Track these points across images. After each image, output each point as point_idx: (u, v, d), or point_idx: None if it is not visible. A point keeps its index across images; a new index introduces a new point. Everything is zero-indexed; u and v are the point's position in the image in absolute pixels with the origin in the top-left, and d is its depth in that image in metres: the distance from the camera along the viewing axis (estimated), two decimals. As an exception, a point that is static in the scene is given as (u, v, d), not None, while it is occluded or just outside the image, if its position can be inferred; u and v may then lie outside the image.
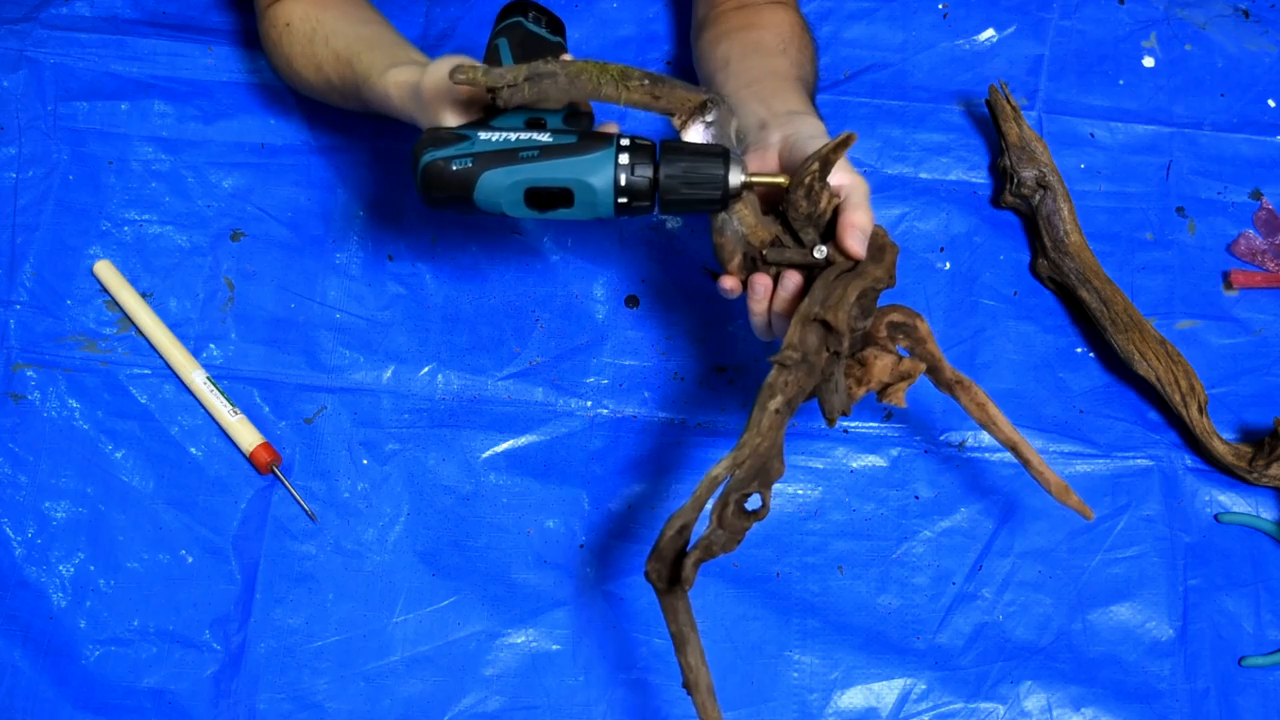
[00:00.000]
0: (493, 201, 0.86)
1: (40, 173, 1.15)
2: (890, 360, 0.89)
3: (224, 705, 1.00)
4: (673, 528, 0.81)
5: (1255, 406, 1.10)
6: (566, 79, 0.85)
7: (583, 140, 0.85)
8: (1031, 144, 1.13)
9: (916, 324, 0.91)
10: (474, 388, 1.10)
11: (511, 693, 1.01)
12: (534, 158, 0.85)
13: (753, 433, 0.82)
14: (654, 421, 1.09)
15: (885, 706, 1.01)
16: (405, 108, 0.94)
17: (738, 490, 0.81)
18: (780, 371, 0.83)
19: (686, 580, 0.80)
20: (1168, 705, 1.01)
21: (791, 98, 0.99)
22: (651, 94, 0.86)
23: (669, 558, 0.82)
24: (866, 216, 0.88)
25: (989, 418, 0.92)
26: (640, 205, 0.86)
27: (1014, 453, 0.93)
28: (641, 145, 0.86)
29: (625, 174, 0.85)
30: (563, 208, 0.86)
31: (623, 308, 1.13)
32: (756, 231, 0.89)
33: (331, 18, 1.06)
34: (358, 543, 1.05)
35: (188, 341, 1.10)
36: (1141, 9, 1.26)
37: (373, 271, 1.13)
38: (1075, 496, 0.93)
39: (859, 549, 1.05)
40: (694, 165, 0.85)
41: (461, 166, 0.85)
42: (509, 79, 0.84)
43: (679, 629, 0.83)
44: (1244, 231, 1.16)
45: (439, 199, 0.87)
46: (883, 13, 1.24)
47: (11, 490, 1.05)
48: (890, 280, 0.88)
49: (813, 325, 0.84)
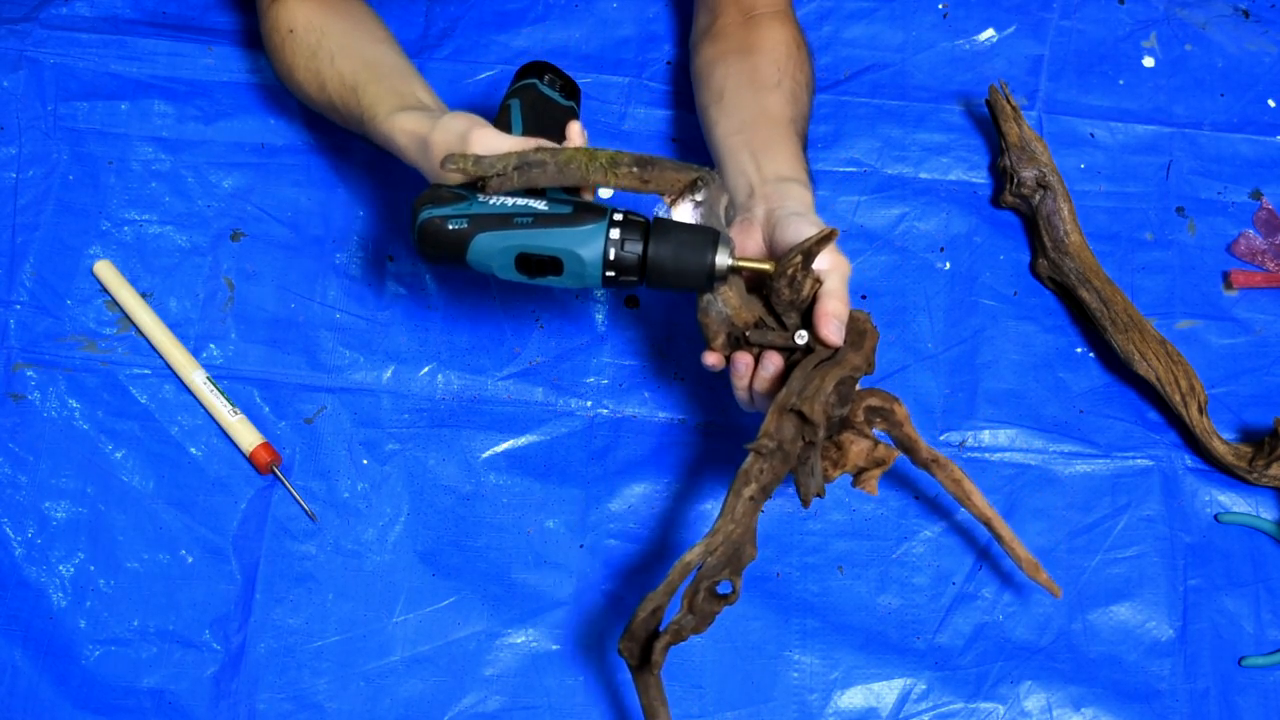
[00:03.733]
0: (484, 263, 0.88)
1: (40, 173, 1.16)
2: (866, 445, 0.90)
3: (224, 705, 1.00)
4: (645, 610, 0.84)
5: (1255, 406, 1.10)
6: (555, 168, 0.87)
7: (577, 211, 0.87)
8: (1031, 144, 1.13)
9: (894, 408, 0.92)
10: (474, 388, 1.10)
11: (511, 693, 1.01)
12: (528, 224, 0.87)
13: (726, 519, 0.84)
14: (654, 421, 1.09)
15: (885, 706, 1.01)
16: (411, 156, 0.95)
17: (709, 578, 0.84)
18: (756, 459, 0.85)
19: (656, 664, 0.85)
20: (1168, 705, 1.01)
21: (782, 154, 0.99)
22: (640, 179, 0.87)
23: (641, 638, 0.86)
24: (842, 304, 0.89)
25: (964, 493, 0.95)
26: (627, 280, 0.87)
27: (988, 528, 0.96)
28: (634, 221, 0.87)
29: (615, 249, 0.86)
30: (552, 275, 0.88)
31: (623, 308, 1.13)
32: (740, 313, 0.90)
33: (338, 31, 1.06)
34: (358, 543, 1.05)
35: (188, 341, 1.10)
36: (1141, 9, 1.26)
37: (373, 271, 1.13)
38: (1045, 574, 0.97)
39: (859, 549, 1.05)
40: (683, 246, 0.86)
41: (457, 227, 0.88)
42: (499, 168, 0.86)
43: (650, 703, 0.87)
44: (1244, 231, 1.16)
45: (433, 255, 0.89)
46: (883, 13, 1.25)
47: (11, 490, 1.05)
48: (869, 368, 0.90)
49: (789, 415, 0.85)
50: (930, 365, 1.11)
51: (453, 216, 0.88)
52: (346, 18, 1.08)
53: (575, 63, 1.22)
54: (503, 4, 1.24)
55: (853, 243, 1.15)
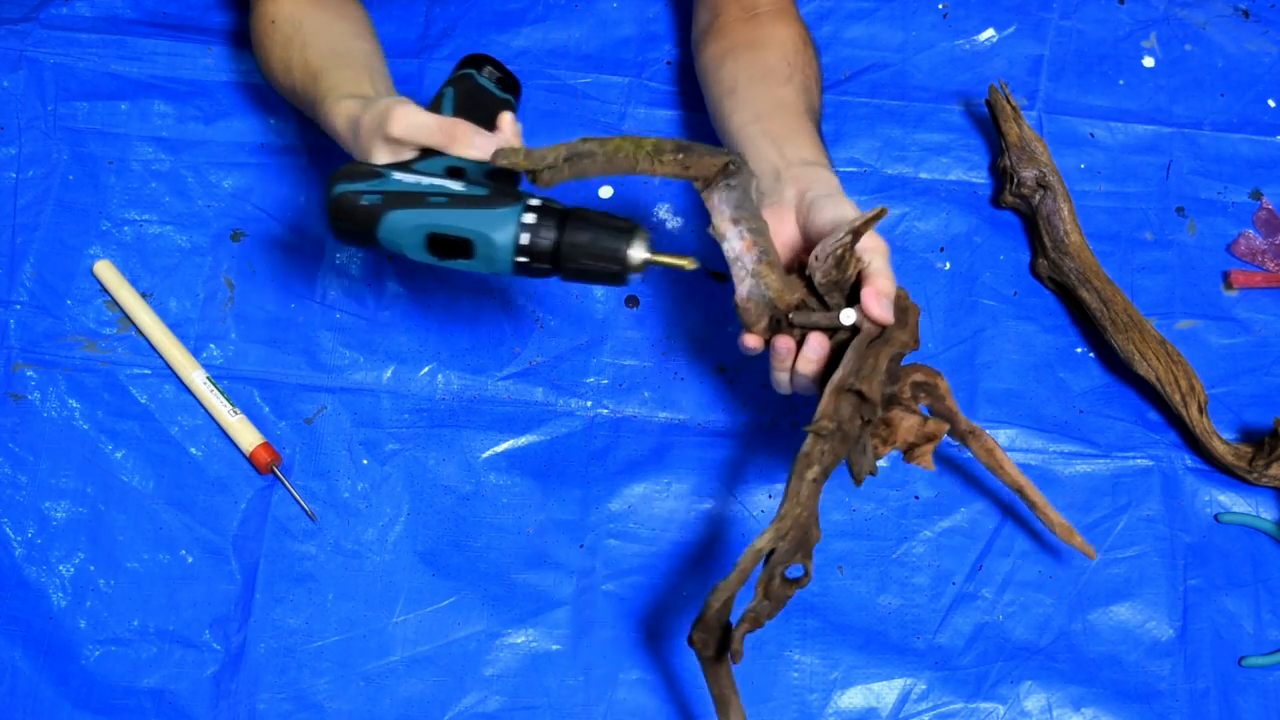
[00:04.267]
0: (395, 241, 0.87)
1: (40, 173, 1.16)
2: (915, 421, 0.90)
3: (224, 705, 1.00)
4: (719, 599, 0.85)
5: (1255, 406, 1.10)
6: (604, 157, 0.84)
7: (493, 195, 0.86)
8: (1031, 144, 1.13)
9: (937, 383, 0.93)
10: (474, 388, 1.10)
11: (511, 693, 1.01)
12: (442, 204, 0.86)
13: (792, 503, 0.84)
14: (654, 421, 1.09)
15: (885, 706, 1.01)
16: (345, 139, 0.95)
17: (782, 563, 0.84)
18: (816, 441, 0.85)
19: (736, 653, 0.85)
20: (1168, 705, 1.01)
21: (803, 140, 0.99)
22: (683, 165, 0.86)
23: (715, 627, 0.86)
24: (890, 282, 0.89)
25: (997, 462, 0.97)
26: (540, 268, 0.86)
27: (1020, 495, 0.98)
28: (551, 209, 0.86)
29: (529, 234, 0.85)
30: (462, 258, 0.87)
31: (623, 308, 1.13)
32: (782, 295, 0.89)
33: (315, 23, 1.06)
34: (358, 543, 1.05)
35: (188, 341, 1.10)
36: (1141, 9, 1.26)
37: (373, 271, 1.13)
38: (1079, 537, 0.98)
39: (859, 549, 1.05)
40: (598, 237, 0.85)
41: (370, 202, 0.86)
42: (549, 160, 0.83)
43: (722, 692, 0.89)
44: (1244, 231, 1.16)
45: (344, 231, 0.88)
46: (883, 13, 1.25)
47: (11, 490, 1.05)
48: (915, 344, 0.91)
49: (846, 395, 0.85)
50: (930, 365, 1.11)
51: (366, 192, 0.87)
52: (328, 11, 1.08)
53: (575, 63, 1.22)
54: (503, 4, 1.24)
55: (853, 243, 1.15)
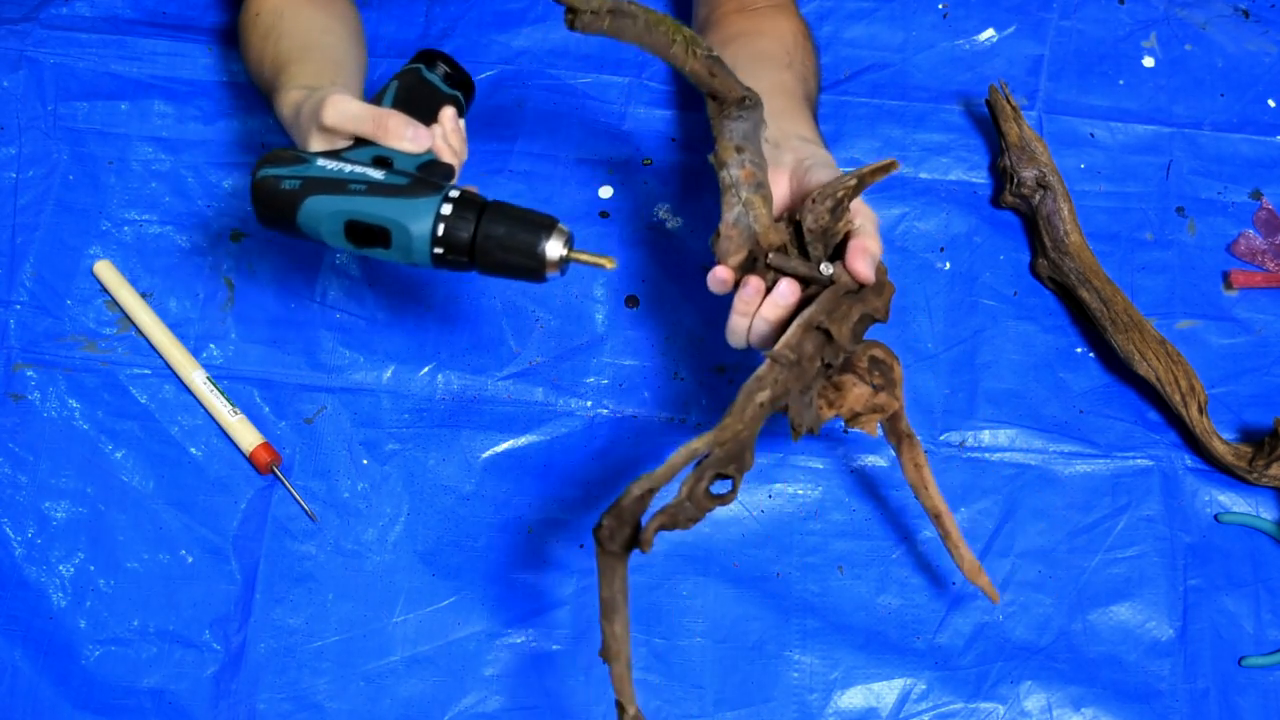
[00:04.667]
0: (314, 228, 0.87)
1: (40, 173, 1.16)
2: (866, 391, 0.90)
3: (224, 705, 1.00)
4: (639, 488, 0.79)
5: (1255, 406, 1.10)
6: (645, 24, 0.82)
7: (414, 185, 0.86)
8: (1031, 144, 1.13)
9: (894, 365, 0.92)
10: (474, 388, 1.10)
11: (511, 693, 1.01)
12: (360, 192, 0.86)
13: (735, 418, 0.82)
14: (654, 421, 1.09)
15: (885, 706, 1.01)
16: (287, 127, 0.95)
17: (714, 468, 0.81)
18: (772, 367, 0.84)
19: (645, 543, 0.79)
20: (1168, 705, 1.01)
21: (801, 121, 0.99)
22: (709, 70, 0.85)
23: (628, 519, 0.80)
24: (878, 244, 0.90)
25: (921, 480, 0.95)
26: (458, 260, 0.86)
27: (935, 522, 0.96)
28: (470, 200, 0.86)
29: (445, 225, 0.85)
30: (380, 247, 0.86)
31: (623, 308, 1.13)
32: (768, 234, 0.90)
33: (295, 17, 1.06)
34: (358, 543, 1.05)
35: (188, 341, 1.10)
36: (1141, 9, 1.26)
37: (373, 271, 1.13)
38: (985, 578, 0.97)
39: (859, 549, 1.05)
40: (514, 231, 0.85)
41: (290, 187, 0.86)
42: (594, 5, 0.81)
43: (612, 595, 0.81)
44: (1244, 231, 1.16)
45: (265, 215, 0.88)
46: (883, 13, 1.25)
47: (11, 490, 1.05)
48: (885, 315, 0.91)
49: (813, 333, 0.85)
50: (930, 365, 1.11)
51: (287, 177, 0.87)
52: (313, 5, 1.08)
53: (575, 63, 1.22)
54: (503, 4, 1.24)
55: (853, 243, 1.15)
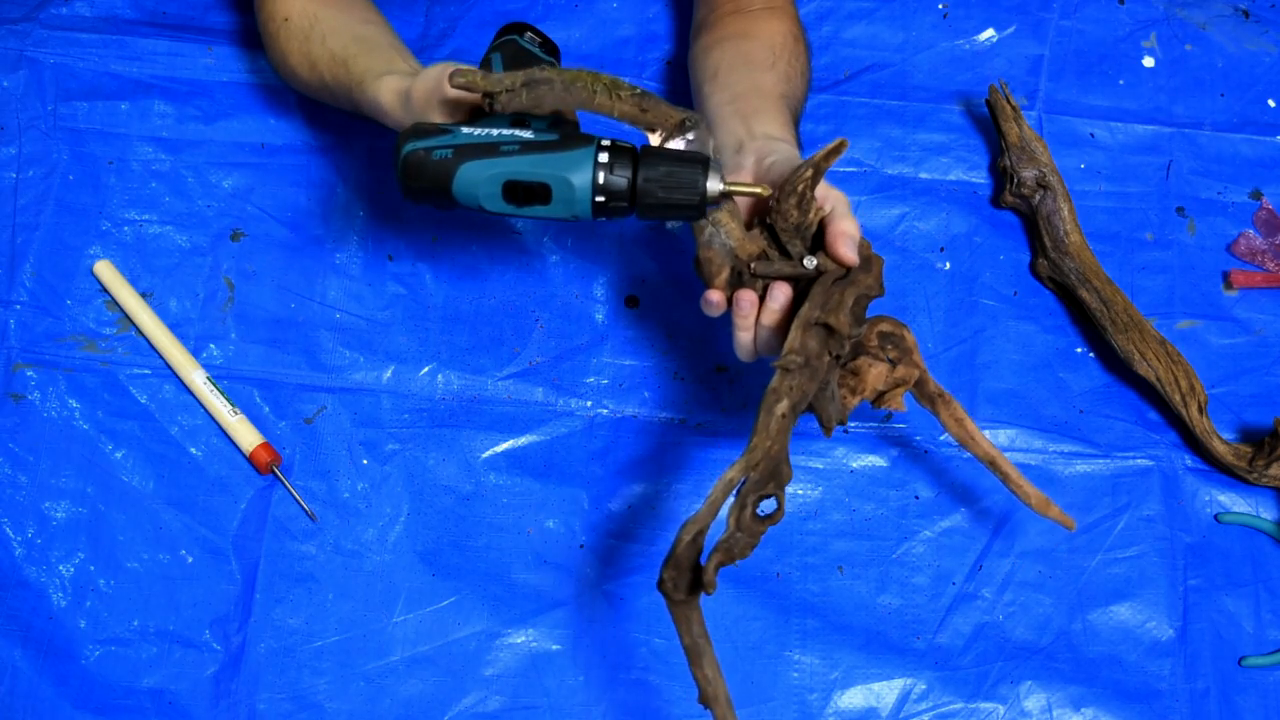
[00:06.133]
0: (470, 193, 0.86)
1: (40, 173, 1.15)
2: (884, 368, 0.90)
3: (224, 705, 1.00)
4: (688, 534, 0.80)
5: (1255, 406, 1.10)
6: (562, 85, 0.85)
7: (565, 139, 0.86)
8: (1031, 144, 1.13)
9: (904, 334, 0.92)
10: (474, 388, 1.10)
11: (511, 693, 1.01)
12: (515, 151, 0.85)
13: (762, 436, 0.82)
14: (654, 421, 1.09)
15: (885, 706, 1.01)
16: (395, 114, 0.95)
17: (755, 492, 0.81)
18: (784, 376, 0.83)
19: (709, 584, 0.79)
20: (1168, 705, 1.01)
21: (772, 120, 0.99)
22: (639, 106, 0.87)
23: (686, 565, 0.80)
24: (854, 224, 0.89)
25: (967, 434, 0.93)
26: (618, 206, 0.86)
27: (992, 468, 0.94)
28: (622, 148, 0.86)
29: (604, 173, 0.85)
30: (539, 204, 0.86)
31: (623, 308, 1.13)
32: (744, 245, 0.90)
33: (330, 15, 1.06)
34: (358, 543, 1.05)
35: (188, 341, 1.10)
36: (1141, 9, 1.26)
37: (373, 271, 1.13)
38: (1055, 508, 0.94)
39: (859, 549, 1.05)
40: (673, 170, 0.85)
41: (442, 156, 0.86)
42: (506, 84, 0.85)
43: (694, 641, 0.81)
44: (1244, 231, 1.16)
45: (417, 189, 0.87)
46: (883, 13, 1.25)
47: (11, 490, 1.05)
48: (880, 289, 0.90)
49: (813, 330, 0.85)
50: (930, 365, 1.11)
51: (437, 147, 0.86)
52: (338, 4, 1.08)
53: (575, 63, 1.21)
54: (503, 4, 1.24)
55: (853, 243, 1.15)
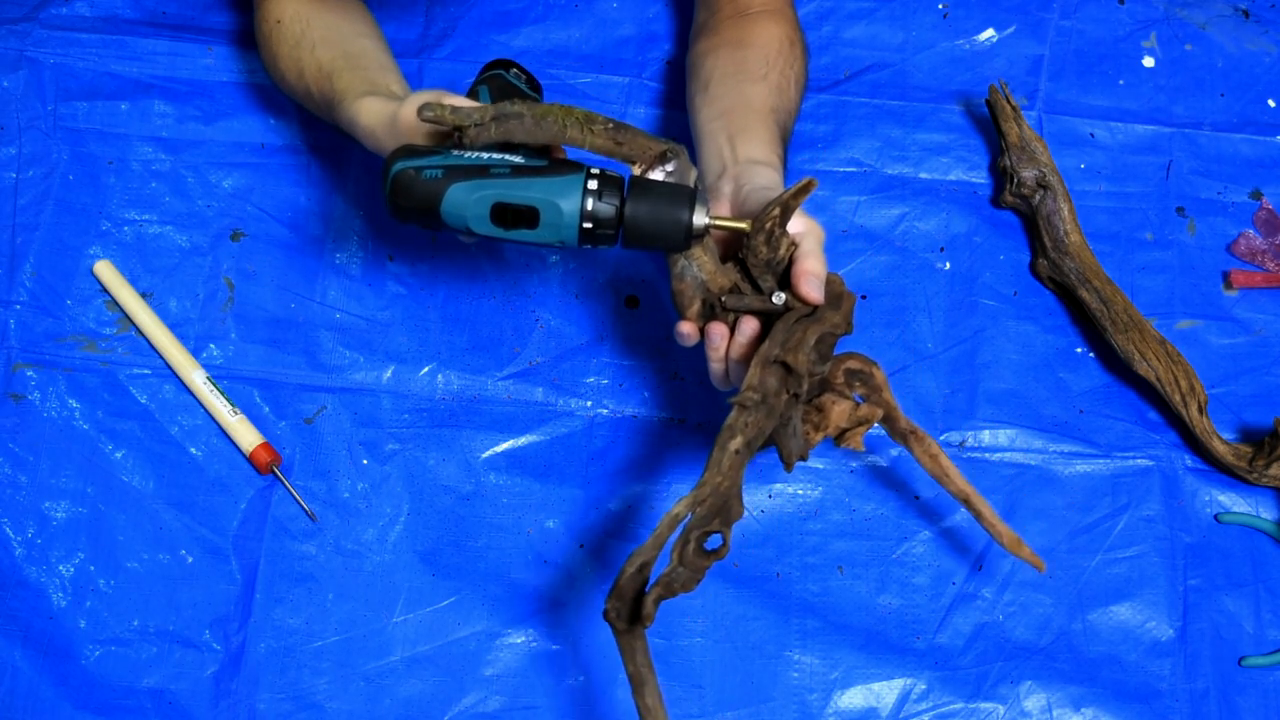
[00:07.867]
0: (458, 214, 0.86)
1: (40, 173, 1.16)
2: (847, 405, 0.90)
3: (224, 705, 1.00)
4: (633, 565, 0.81)
5: (1255, 406, 1.10)
6: (532, 120, 0.86)
7: (554, 165, 0.87)
8: (1031, 144, 1.13)
9: (873, 372, 0.92)
10: (474, 388, 1.10)
11: (511, 693, 1.01)
12: (505, 175, 0.86)
13: (713, 472, 0.82)
14: (654, 421, 1.09)
15: (885, 706, 1.01)
16: (370, 136, 0.95)
17: (699, 528, 0.81)
18: (740, 413, 0.83)
19: (647, 617, 0.80)
20: (1168, 705, 1.01)
21: (758, 139, 0.99)
22: (614, 139, 0.87)
23: (629, 596, 0.81)
24: (820, 263, 0.89)
25: (941, 470, 0.94)
26: (604, 234, 0.86)
27: (966, 505, 0.94)
28: (611, 177, 0.86)
29: (593, 199, 0.85)
30: (526, 228, 0.86)
31: (623, 308, 1.13)
32: (716, 278, 0.90)
33: (323, 23, 1.06)
34: (358, 543, 1.05)
35: (188, 341, 1.10)
36: (1141, 9, 1.26)
37: (373, 271, 1.13)
38: (1027, 549, 0.94)
39: (859, 549, 1.05)
40: (659, 203, 0.86)
41: (431, 176, 0.86)
42: (475, 118, 0.85)
43: (636, 670, 0.82)
44: (1244, 231, 1.16)
45: (405, 208, 0.87)
46: (883, 13, 1.25)
47: (11, 490, 1.05)
48: (848, 327, 0.89)
49: (772, 367, 0.84)
50: (930, 365, 1.11)
51: (427, 167, 0.86)
52: (334, 11, 1.08)
53: (575, 63, 1.22)
54: (503, 4, 1.24)
55: (852, 243, 1.15)
